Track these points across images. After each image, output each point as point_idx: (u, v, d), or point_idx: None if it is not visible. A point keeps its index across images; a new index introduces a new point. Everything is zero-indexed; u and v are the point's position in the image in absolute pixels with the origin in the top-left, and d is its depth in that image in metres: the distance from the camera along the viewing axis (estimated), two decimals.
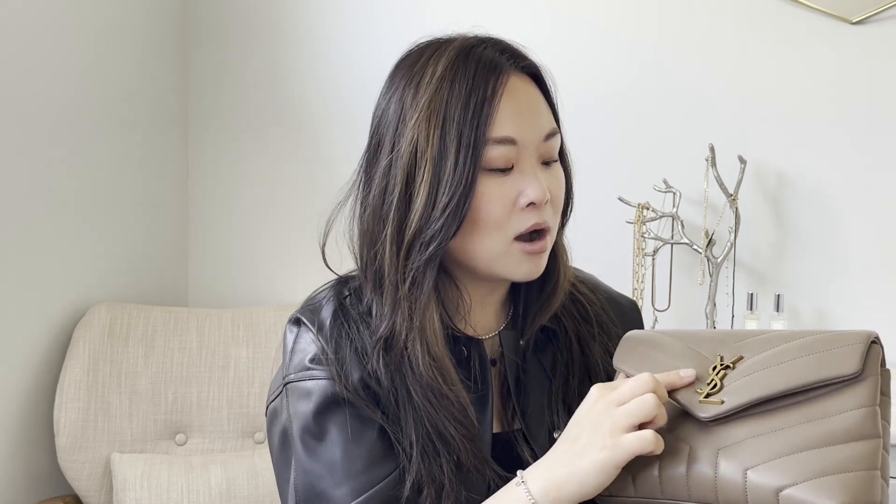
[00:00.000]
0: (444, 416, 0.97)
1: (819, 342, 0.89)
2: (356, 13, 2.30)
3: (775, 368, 0.88)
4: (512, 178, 0.97)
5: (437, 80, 0.97)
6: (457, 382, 0.98)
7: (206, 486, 1.91)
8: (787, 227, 2.09)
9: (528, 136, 0.98)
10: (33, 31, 1.91)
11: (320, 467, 0.98)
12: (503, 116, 0.96)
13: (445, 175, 0.95)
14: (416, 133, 0.96)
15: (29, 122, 1.91)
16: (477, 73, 0.97)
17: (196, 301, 2.42)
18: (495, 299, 1.07)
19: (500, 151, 0.96)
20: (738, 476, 0.84)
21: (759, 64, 2.09)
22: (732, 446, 0.86)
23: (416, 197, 0.96)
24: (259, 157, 2.37)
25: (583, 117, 2.18)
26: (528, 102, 0.99)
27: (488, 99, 0.96)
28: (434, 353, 0.98)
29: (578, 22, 2.19)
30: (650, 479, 0.89)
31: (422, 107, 0.96)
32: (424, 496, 0.96)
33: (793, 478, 0.82)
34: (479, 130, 0.95)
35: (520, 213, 0.98)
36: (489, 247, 0.98)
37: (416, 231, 0.96)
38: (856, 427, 0.84)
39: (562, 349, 1.08)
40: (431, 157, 0.96)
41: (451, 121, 0.96)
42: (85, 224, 2.08)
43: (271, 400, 1.05)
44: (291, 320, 1.04)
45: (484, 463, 0.98)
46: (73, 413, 1.93)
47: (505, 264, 0.99)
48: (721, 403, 0.88)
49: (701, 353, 0.94)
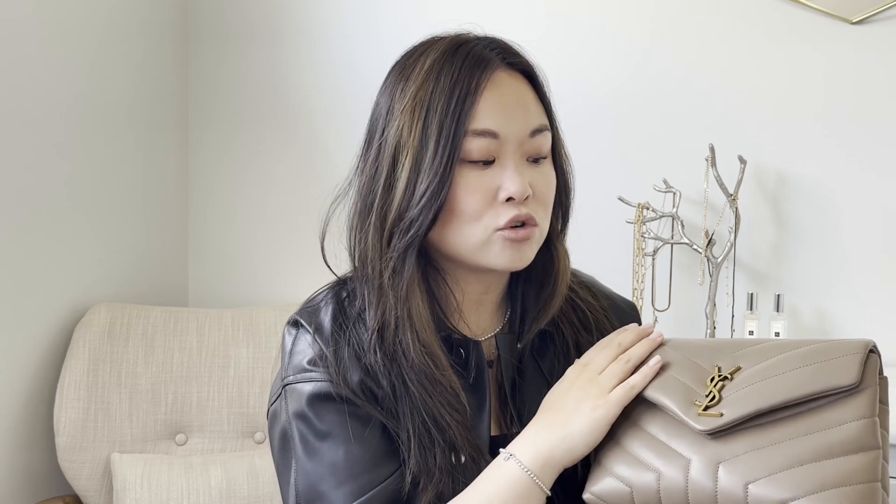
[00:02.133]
0: (438, 402, 0.98)
1: (817, 352, 0.89)
2: (356, 13, 2.30)
3: (774, 380, 0.88)
4: (492, 171, 0.98)
5: (424, 73, 0.99)
6: (447, 368, 0.99)
7: (206, 486, 1.91)
8: (787, 227, 2.09)
9: (511, 130, 0.98)
10: (33, 31, 1.91)
11: (321, 468, 0.98)
12: (485, 109, 0.97)
13: (425, 164, 0.97)
14: (401, 123, 0.98)
15: (29, 122, 1.91)
16: (463, 66, 0.98)
17: (196, 301, 2.42)
18: (491, 298, 1.07)
19: (480, 144, 0.97)
20: (740, 490, 0.84)
21: (760, 64, 2.09)
22: (733, 459, 0.86)
23: (398, 185, 0.98)
24: (259, 157, 2.38)
25: (583, 117, 2.18)
26: (515, 98, 1.00)
27: (471, 92, 0.97)
28: (423, 340, 0.98)
29: (578, 21, 2.19)
30: (649, 492, 0.88)
31: (408, 97, 0.99)
32: (421, 488, 0.96)
33: (794, 491, 0.82)
34: (459, 122, 0.96)
35: (500, 206, 0.98)
36: (469, 236, 0.99)
37: (396, 218, 0.98)
38: (856, 439, 0.84)
39: (559, 355, 1.08)
40: (413, 146, 0.97)
41: (434, 112, 0.97)
42: (85, 224, 2.08)
43: (272, 402, 1.05)
44: (290, 322, 1.05)
45: (479, 452, 0.99)
46: (73, 413, 1.93)
47: (488, 253, 0.99)
48: (720, 416, 0.88)
49: (697, 364, 0.94)
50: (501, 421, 1.05)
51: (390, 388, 0.99)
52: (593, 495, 0.92)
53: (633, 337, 1.00)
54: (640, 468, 0.89)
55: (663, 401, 0.92)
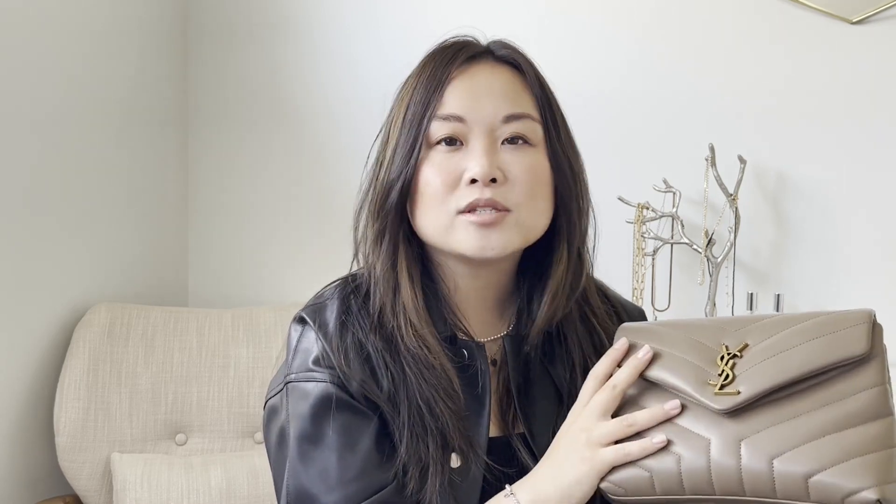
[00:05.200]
0: (433, 388, 0.98)
1: (823, 325, 0.90)
2: (356, 13, 2.30)
3: (785, 354, 0.89)
4: (458, 154, 1.01)
5: (419, 67, 1.05)
6: (440, 354, 1.00)
7: (206, 486, 1.91)
8: (787, 227, 2.09)
9: (479, 115, 1.01)
10: (33, 31, 1.91)
11: (313, 472, 0.98)
12: (452, 96, 1.02)
13: (398, 148, 1.02)
14: (393, 115, 1.05)
15: (28, 121, 1.91)
16: (441, 60, 1.04)
17: (196, 301, 2.42)
18: (491, 296, 1.07)
19: (444, 126, 1.01)
20: (765, 465, 0.85)
21: (760, 64, 2.09)
22: (754, 436, 0.86)
23: (379, 173, 1.05)
24: (259, 157, 2.38)
25: (582, 117, 2.17)
26: (487, 85, 1.02)
27: (441, 81, 1.02)
28: (414, 324, 1.00)
29: (578, 21, 2.19)
30: (670, 475, 0.88)
31: (402, 91, 1.06)
32: (409, 477, 0.97)
33: (820, 463, 0.83)
34: (426, 107, 1.02)
35: (464, 188, 1.00)
36: (434, 219, 1.01)
37: (375, 201, 1.04)
38: (871, 407, 0.85)
39: (566, 357, 1.08)
40: (393, 134, 1.04)
41: (411, 101, 1.03)
42: (85, 224, 2.08)
43: (271, 396, 1.05)
44: (296, 319, 1.05)
45: (470, 445, 0.99)
46: (73, 413, 1.93)
47: (455, 238, 1.01)
48: (737, 394, 0.88)
49: (701, 342, 0.94)
50: (503, 422, 1.05)
51: (390, 377, 0.99)
52: (612, 483, 0.91)
53: (607, 363, 0.97)
54: (659, 452, 0.89)
55: (676, 383, 0.92)
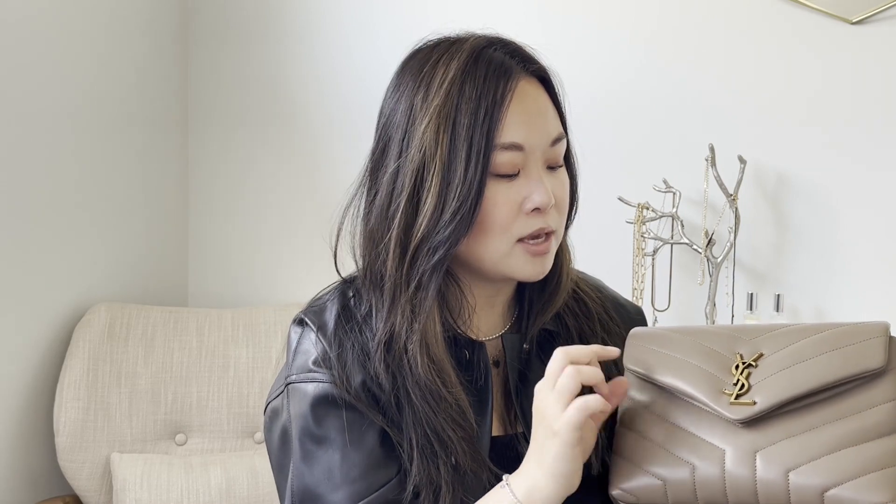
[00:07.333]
0: (442, 418, 0.97)
1: (839, 337, 0.89)
2: (356, 13, 2.30)
3: (801, 366, 0.87)
4: (518, 183, 0.98)
5: (448, 84, 0.97)
6: (456, 385, 0.98)
7: (206, 486, 1.91)
8: (787, 227, 2.09)
9: (535, 141, 0.98)
10: (33, 31, 1.91)
11: (318, 471, 0.98)
12: (511, 122, 0.97)
13: (455, 180, 0.96)
14: (427, 137, 0.96)
15: (28, 121, 1.91)
16: (487, 76, 0.97)
17: (196, 301, 2.42)
18: (502, 300, 1.07)
19: (508, 157, 0.97)
20: (780, 478, 0.83)
21: (759, 64, 2.09)
22: (770, 448, 0.85)
23: (425, 202, 0.96)
24: (259, 157, 2.37)
25: (583, 117, 2.17)
26: (537, 107, 0.99)
27: (497, 104, 0.96)
28: (434, 356, 0.98)
29: (578, 21, 2.19)
30: (684, 485, 0.87)
31: (432, 111, 0.96)
32: (422, 499, 0.96)
33: (836, 478, 0.82)
34: (488, 136, 0.96)
35: (525, 217, 0.98)
36: (494, 249, 0.99)
37: (424, 236, 0.97)
38: (888, 421, 0.84)
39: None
40: (441, 162, 0.96)
41: (461, 126, 0.96)
42: (85, 224, 2.08)
43: (272, 398, 1.05)
44: (295, 321, 1.05)
45: (481, 465, 0.98)
46: (72, 413, 1.93)
47: (511, 264, 1.00)
48: (753, 404, 0.86)
49: (715, 350, 0.93)
50: (505, 420, 1.05)
51: (393, 397, 0.98)
52: (624, 491, 0.90)
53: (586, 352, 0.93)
54: (672, 462, 0.88)
55: (689, 391, 0.90)
